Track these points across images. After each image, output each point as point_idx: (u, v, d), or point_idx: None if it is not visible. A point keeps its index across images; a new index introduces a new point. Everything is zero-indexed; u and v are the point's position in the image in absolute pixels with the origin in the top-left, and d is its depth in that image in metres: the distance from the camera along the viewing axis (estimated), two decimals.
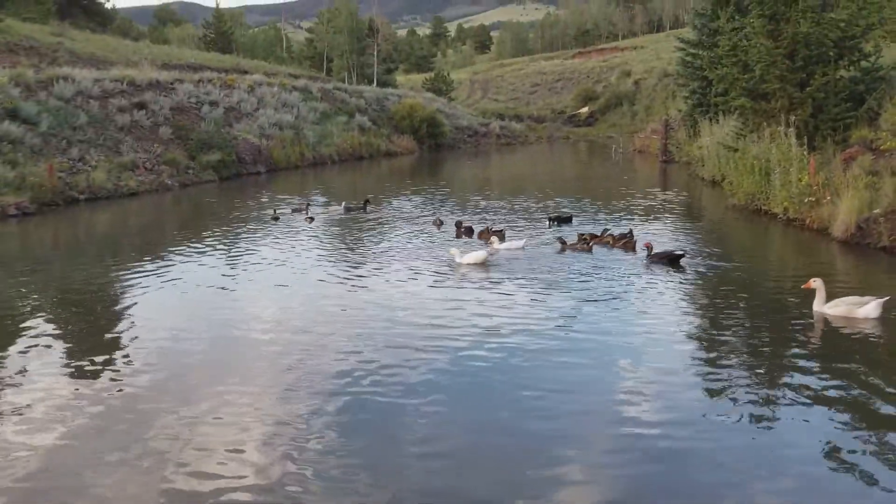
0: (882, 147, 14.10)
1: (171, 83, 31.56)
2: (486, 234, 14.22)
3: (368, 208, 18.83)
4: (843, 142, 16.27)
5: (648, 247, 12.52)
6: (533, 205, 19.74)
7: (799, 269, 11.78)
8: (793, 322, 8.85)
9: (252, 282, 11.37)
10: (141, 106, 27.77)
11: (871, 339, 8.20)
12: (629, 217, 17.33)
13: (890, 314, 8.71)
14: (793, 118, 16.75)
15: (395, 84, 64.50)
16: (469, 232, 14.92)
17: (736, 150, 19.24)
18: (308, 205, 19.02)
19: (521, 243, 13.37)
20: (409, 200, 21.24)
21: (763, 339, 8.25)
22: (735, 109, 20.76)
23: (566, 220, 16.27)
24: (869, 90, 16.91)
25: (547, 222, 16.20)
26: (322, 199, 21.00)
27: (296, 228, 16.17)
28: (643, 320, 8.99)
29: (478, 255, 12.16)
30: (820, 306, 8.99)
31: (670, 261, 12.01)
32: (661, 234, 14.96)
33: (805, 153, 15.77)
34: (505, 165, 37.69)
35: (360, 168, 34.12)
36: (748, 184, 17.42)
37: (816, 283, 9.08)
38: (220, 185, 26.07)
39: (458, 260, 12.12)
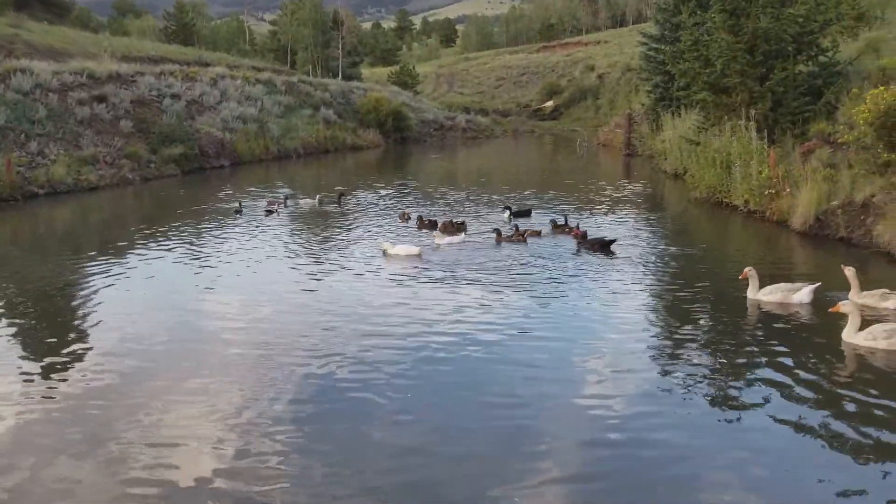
0: (839, 140, 14.39)
1: (132, 76, 31.03)
2: (447, 227, 14.26)
3: (343, 202, 18.76)
4: (801, 135, 16.58)
5: (578, 234, 13.12)
6: (498, 198, 19.80)
7: (759, 260, 11.99)
8: (750, 312, 9.06)
9: (215, 277, 11.27)
10: (101, 99, 27.26)
11: (810, 324, 8.54)
12: (595, 210, 17.49)
13: (823, 298, 9.13)
14: (753, 112, 17.03)
15: (361, 77, 64.08)
16: (433, 225, 14.95)
17: (698, 144, 19.51)
18: (287, 198, 18.78)
19: (460, 237, 13.38)
20: (375, 194, 21.18)
21: (719, 329, 8.42)
22: (697, 103, 21.03)
23: (525, 213, 16.35)
24: (826, 84, 17.24)
25: (506, 213, 16.28)
26: (286, 192, 20.78)
27: (260, 222, 16.05)
28: (601, 312, 9.14)
29: (409, 248, 12.36)
30: (754, 294, 9.32)
31: (601, 247, 12.50)
32: (623, 227, 15.13)
33: (765, 146, 16.05)
34: (471, 159, 37.74)
35: (325, 162, 33.92)
36: (710, 177, 17.67)
37: (751, 273, 9.41)
38: (182, 178, 25.74)
39: (389, 252, 12.27)
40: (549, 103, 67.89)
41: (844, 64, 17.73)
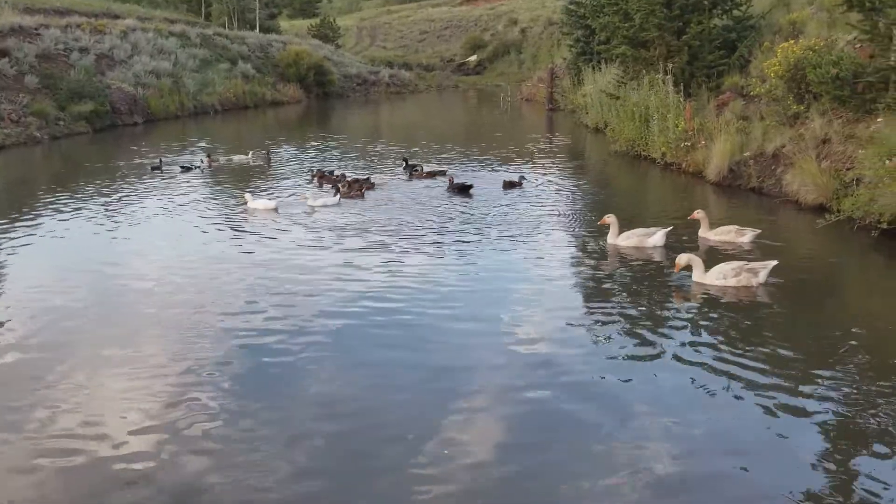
0: (752, 93, 14.81)
1: (36, 28, 29.44)
2: (352, 186, 13.85)
3: (271, 158, 18.51)
4: (716, 88, 17.00)
5: (450, 179, 14.26)
6: (421, 152, 19.73)
7: (676, 210, 12.33)
8: (609, 256, 9.57)
9: (132, 238, 10.96)
10: (3, 53, 25.78)
11: (664, 265, 9.10)
12: (516, 163, 17.62)
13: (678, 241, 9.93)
14: (670, 66, 17.34)
15: (279, 30, 62.34)
16: (338, 181, 14.46)
17: (617, 98, 19.78)
18: (209, 156, 17.87)
19: (335, 199, 12.92)
20: (299, 150, 20.82)
21: (619, 279, 8.67)
22: (616, 57, 21.26)
23: (413, 168, 16.53)
24: (740, 38, 17.65)
25: (403, 164, 16.52)
26: (204, 148, 20.19)
27: (178, 181, 15.59)
28: (516, 266, 9.34)
29: (266, 202, 12.69)
30: (613, 239, 9.90)
31: (461, 190, 13.71)
32: (544, 180, 15.30)
33: (681, 100, 16.40)
34: (395, 114, 37.40)
35: (245, 118, 33.08)
36: (629, 130, 17.98)
37: (611, 219, 9.96)
38: (93, 136, 24.74)
39: (250, 205, 12.48)
40: (473, 58, 67.55)
41: (757, 18, 18.15)
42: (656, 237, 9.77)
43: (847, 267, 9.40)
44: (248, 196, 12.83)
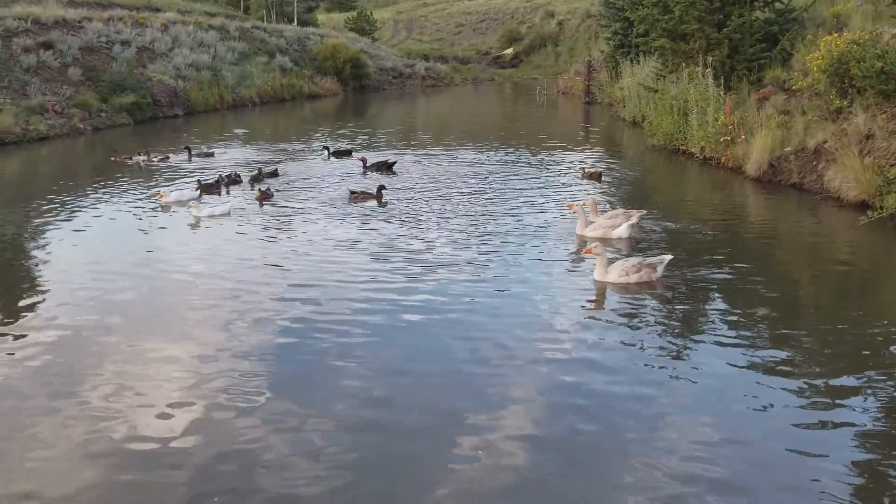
0: (794, 87, 14.56)
1: (79, 21, 29.96)
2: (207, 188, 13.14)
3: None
4: (757, 82, 16.74)
5: (363, 160, 14.83)
6: (456, 143, 19.76)
7: (714, 206, 12.22)
8: (577, 246, 9.58)
9: (173, 229, 11.14)
10: (48, 46, 26.32)
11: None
12: (555, 156, 17.55)
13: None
14: (710, 59, 17.11)
15: (317, 23, 62.71)
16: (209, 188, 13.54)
17: (655, 91, 19.59)
18: (149, 153, 17.44)
19: (226, 208, 11.93)
20: (337, 142, 20.98)
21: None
22: (655, 50, 21.04)
23: (345, 153, 17.20)
24: (782, 31, 17.36)
25: (324, 153, 17.11)
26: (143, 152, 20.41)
27: (219, 171, 15.78)
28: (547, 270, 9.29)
29: (180, 193, 12.81)
30: (581, 230, 10.01)
31: (386, 168, 14.42)
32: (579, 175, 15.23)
33: (721, 93, 16.19)
34: (432, 108, 37.43)
35: (282, 111, 33.35)
36: (667, 124, 17.79)
37: (577, 209, 10.15)
38: (134, 128, 25.14)
39: (166, 199, 12.40)
40: (509, 51, 67.30)
41: (800, 10, 17.82)
42: (620, 229, 9.92)
43: (889, 265, 9.23)
44: (163, 191, 12.67)
